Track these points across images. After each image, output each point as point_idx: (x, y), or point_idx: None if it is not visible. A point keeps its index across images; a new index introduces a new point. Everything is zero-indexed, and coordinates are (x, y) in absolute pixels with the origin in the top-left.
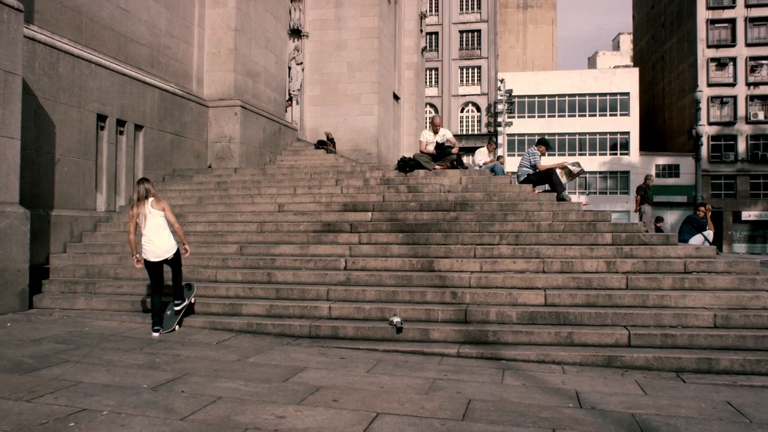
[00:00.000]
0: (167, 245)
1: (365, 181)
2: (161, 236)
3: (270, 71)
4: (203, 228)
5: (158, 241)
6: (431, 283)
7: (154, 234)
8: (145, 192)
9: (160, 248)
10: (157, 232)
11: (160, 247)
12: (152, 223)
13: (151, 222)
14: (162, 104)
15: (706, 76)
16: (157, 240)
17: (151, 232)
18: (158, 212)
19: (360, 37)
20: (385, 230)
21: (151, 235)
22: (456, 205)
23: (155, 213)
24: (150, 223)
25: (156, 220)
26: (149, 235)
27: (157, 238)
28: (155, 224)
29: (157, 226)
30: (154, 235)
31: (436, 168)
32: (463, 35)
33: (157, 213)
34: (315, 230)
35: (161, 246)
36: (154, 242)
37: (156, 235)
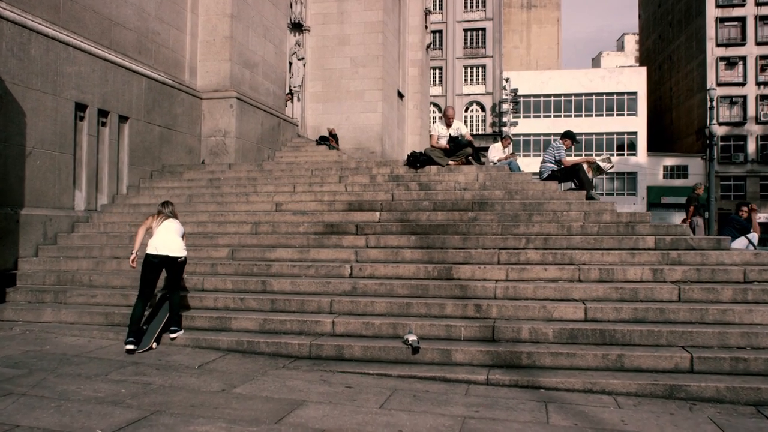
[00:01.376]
0: (180, 245)
1: (372, 178)
2: (175, 238)
3: (268, 62)
4: (191, 229)
5: (171, 239)
6: (451, 294)
7: (168, 234)
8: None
9: (172, 246)
10: (172, 233)
11: (172, 244)
12: (170, 227)
13: (168, 226)
14: (150, 94)
15: (716, 75)
16: (171, 237)
17: (165, 232)
18: (179, 227)
19: (363, 31)
20: (396, 232)
21: (165, 234)
22: (474, 205)
23: (178, 228)
24: (167, 227)
25: (174, 226)
26: (162, 233)
27: (170, 237)
28: (172, 229)
29: (173, 231)
30: (167, 234)
31: (450, 164)
32: (468, 33)
33: (179, 226)
34: (316, 232)
35: (175, 243)
36: (166, 238)
37: (170, 235)
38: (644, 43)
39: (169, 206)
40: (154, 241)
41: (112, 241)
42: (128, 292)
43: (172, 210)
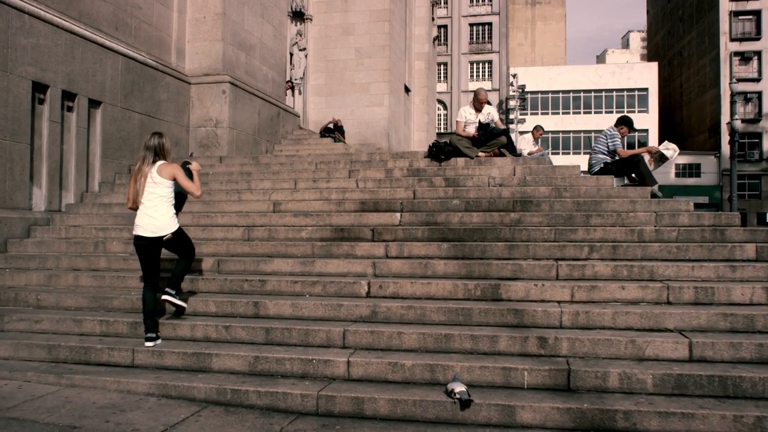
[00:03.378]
0: (165, 222)
1: (388, 173)
2: (161, 210)
3: (267, 45)
4: None
5: (155, 213)
6: (502, 321)
7: (151, 205)
8: (154, 151)
9: (156, 223)
10: (156, 205)
11: (155, 221)
12: (153, 193)
13: (151, 191)
14: (128, 76)
15: (729, 70)
16: (154, 212)
17: (149, 203)
18: (164, 182)
19: (369, 20)
20: (422, 238)
21: (149, 205)
22: (515, 204)
23: (159, 183)
24: (150, 193)
25: (158, 190)
26: (146, 204)
27: (154, 210)
28: (156, 195)
29: (158, 197)
30: (151, 206)
31: (480, 155)
32: (474, 28)
33: (162, 183)
34: (323, 238)
35: (158, 220)
36: (149, 214)
37: (154, 207)
38: (653, 40)
39: (156, 138)
40: (137, 219)
41: (73, 249)
42: (83, 315)
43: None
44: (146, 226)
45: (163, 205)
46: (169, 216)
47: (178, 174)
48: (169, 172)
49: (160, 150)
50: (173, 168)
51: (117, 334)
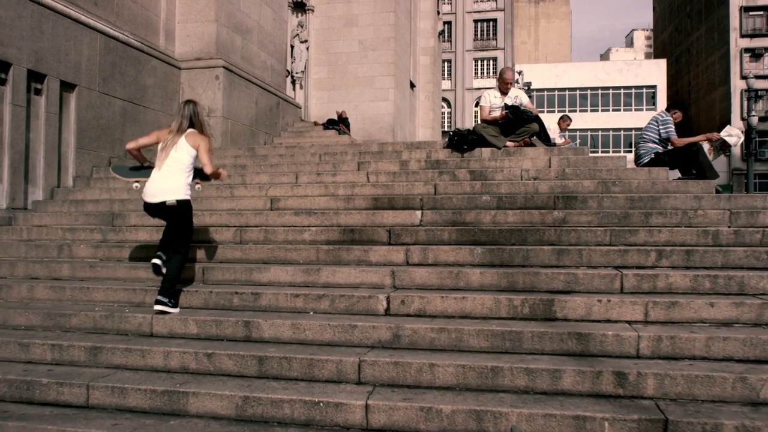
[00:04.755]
0: (174, 185)
1: (402, 165)
2: (175, 176)
3: (265, 29)
4: (148, 236)
5: (169, 178)
6: (562, 348)
7: (167, 170)
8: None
9: (162, 187)
10: (172, 169)
11: (162, 185)
12: (174, 158)
13: (173, 155)
14: (108, 57)
15: (740, 67)
16: (169, 177)
17: (166, 168)
18: (189, 149)
19: (373, 11)
20: (449, 241)
21: (164, 170)
22: (557, 200)
23: (184, 148)
24: (171, 158)
25: (179, 156)
26: (161, 170)
27: (170, 175)
28: (176, 161)
29: (176, 164)
30: (167, 171)
31: (508, 145)
32: (478, 25)
33: (187, 150)
34: (329, 241)
35: (166, 184)
36: (162, 177)
37: (170, 172)
38: (659, 37)
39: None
40: (149, 180)
41: (33, 254)
42: (33, 338)
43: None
44: (153, 191)
45: (180, 171)
46: (181, 183)
47: (202, 144)
48: (195, 140)
49: (195, 117)
50: (201, 138)
51: (72, 362)
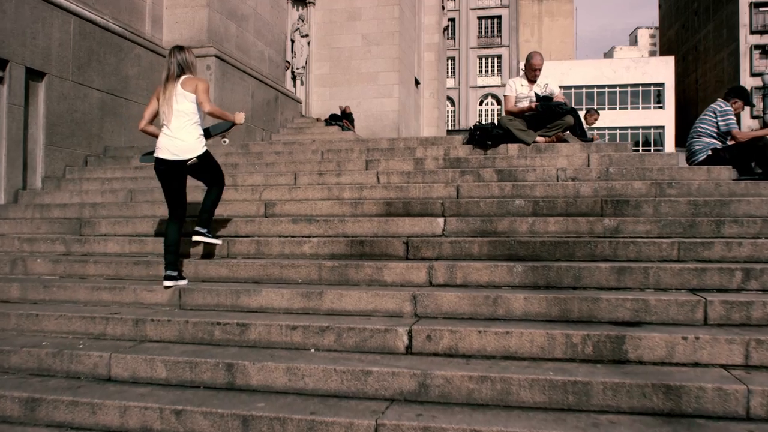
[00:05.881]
0: (191, 143)
1: (417, 163)
2: (186, 129)
3: (263, 17)
4: (118, 248)
5: (180, 134)
6: (645, 406)
7: (176, 125)
8: (179, 66)
9: (180, 144)
10: (181, 122)
11: (180, 142)
12: (178, 110)
13: (176, 108)
14: (84, 43)
15: (749, 64)
16: (180, 133)
17: (174, 123)
18: (188, 95)
19: (377, 4)
20: (480, 255)
21: (173, 126)
22: (604, 205)
23: (183, 96)
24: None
25: (183, 106)
26: (170, 125)
27: (179, 130)
28: (181, 112)
29: (183, 115)
30: (176, 126)
31: (538, 140)
32: (482, 21)
33: (186, 96)
34: (334, 255)
35: (184, 140)
36: (173, 134)
37: (179, 127)
38: (665, 34)
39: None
40: (160, 140)
41: None
42: None
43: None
44: (168, 147)
45: (189, 125)
46: (195, 137)
47: (200, 85)
48: (193, 83)
49: (185, 64)
50: (198, 80)
51: (2, 418)
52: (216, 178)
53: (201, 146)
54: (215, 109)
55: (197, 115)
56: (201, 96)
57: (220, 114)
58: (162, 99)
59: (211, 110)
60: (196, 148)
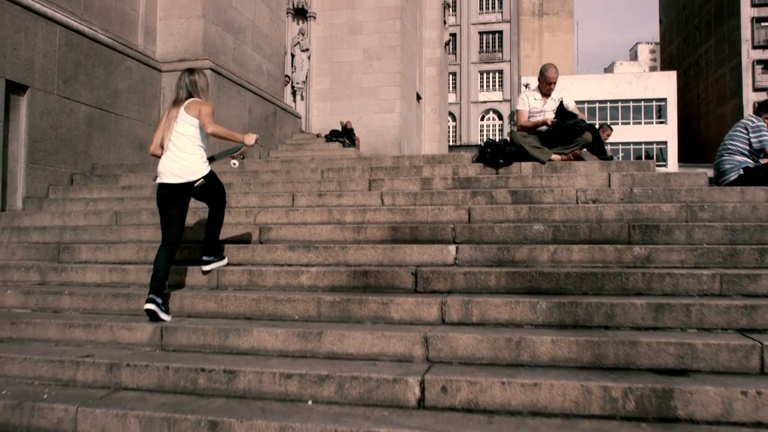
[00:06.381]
0: (194, 163)
1: (424, 183)
2: (188, 149)
3: (261, 30)
4: (98, 277)
5: (182, 155)
6: None
7: (177, 146)
8: (186, 90)
9: (186, 166)
10: (181, 143)
11: (185, 163)
12: (178, 132)
13: (177, 131)
14: (70, 54)
15: (752, 79)
16: (182, 153)
17: (175, 144)
18: (190, 118)
19: (378, 18)
20: (498, 289)
21: (175, 146)
22: (632, 230)
23: (184, 120)
24: (176, 133)
25: (184, 129)
26: (171, 147)
27: (181, 152)
28: (182, 135)
29: (184, 138)
30: (176, 147)
31: (554, 158)
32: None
33: (188, 119)
34: (335, 287)
35: (188, 162)
36: (175, 155)
37: (180, 148)
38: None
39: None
40: (161, 163)
41: None
42: None
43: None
44: (172, 170)
45: (191, 146)
46: (198, 157)
47: (203, 108)
48: (196, 107)
49: (192, 87)
50: (202, 104)
51: None
52: (220, 199)
53: (205, 167)
54: (219, 129)
55: (199, 139)
56: (204, 118)
57: (225, 134)
58: (166, 121)
59: (214, 131)
60: (200, 168)
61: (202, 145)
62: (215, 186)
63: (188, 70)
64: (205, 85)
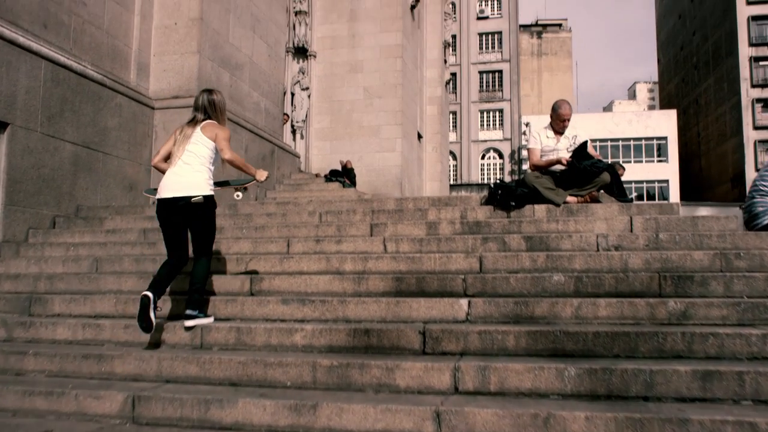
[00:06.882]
0: (194, 180)
1: (430, 228)
2: (195, 168)
3: (259, 66)
4: (69, 334)
5: (188, 172)
6: None
7: (185, 163)
8: (203, 110)
9: (182, 181)
10: (190, 161)
11: (182, 179)
12: (190, 151)
13: (188, 150)
14: (56, 90)
15: (752, 118)
16: (188, 171)
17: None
18: (205, 140)
19: (379, 56)
20: (518, 350)
21: (182, 164)
22: (663, 282)
23: (199, 140)
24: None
25: (197, 149)
26: (178, 164)
27: (187, 168)
28: (193, 154)
29: (194, 155)
30: (185, 164)
31: (569, 200)
32: (483, 76)
33: (203, 140)
34: (332, 347)
35: (186, 179)
36: (180, 171)
37: (188, 165)
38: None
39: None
40: (165, 176)
41: None
42: None
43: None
44: (171, 185)
45: (199, 165)
46: (204, 176)
47: (220, 133)
48: (213, 130)
49: (210, 108)
50: (220, 128)
51: None
52: (207, 241)
53: (208, 188)
54: (236, 157)
55: (210, 162)
56: (221, 143)
57: (240, 164)
58: (178, 139)
59: (231, 158)
60: (203, 186)
61: (212, 168)
62: (209, 218)
63: (206, 90)
64: (223, 106)
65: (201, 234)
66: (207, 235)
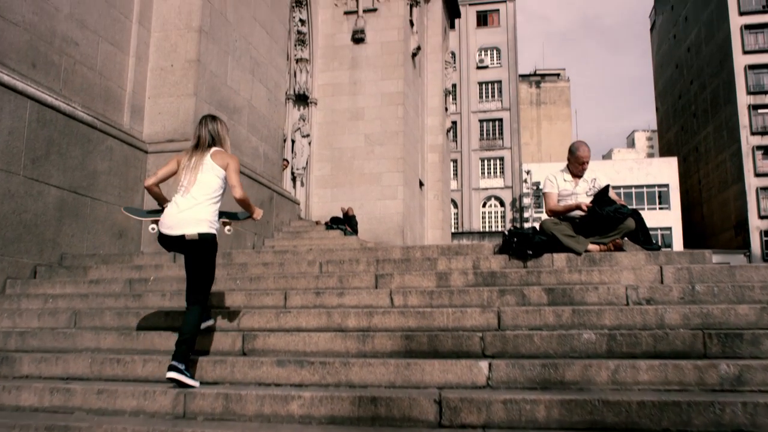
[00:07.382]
0: (198, 215)
1: (441, 278)
2: (200, 204)
3: (258, 110)
4: (35, 400)
5: (189, 206)
6: None
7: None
8: (210, 136)
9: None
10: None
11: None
12: (202, 180)
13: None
14: (42, 132)
15: (753, 165)
16: (189, 204)
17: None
18: (216, 168)
19: (381, 104)
20: (549, 423)
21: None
22: (707, 340)
23: (211, 169)
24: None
25: (208, 178)
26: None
27: (197, 204)
28: (205, 183)
29: (206, 186)
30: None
31: (591, 249)
32: (484, 124)
33: (214, 169)
34: (334, 418)
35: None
36: (188, 206)
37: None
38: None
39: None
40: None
41: None
42: None
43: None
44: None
45: (206, 200)
46: (207, 213)
47: (231, 163)
48: (224, 158)
49: (216, 136)
50: (229, 157)
51: None
52: (203, 283)
53: (209, 225)
54: (247, 197)
55: (220, 194)
56: (232, 177)
57: (249, 205)
58: (186, 166)
59: (243, 197)
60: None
61: (219, 201)
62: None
63: (210, 117)
64: (226, 135)
65: (196, 276)
66: (205, 276)
